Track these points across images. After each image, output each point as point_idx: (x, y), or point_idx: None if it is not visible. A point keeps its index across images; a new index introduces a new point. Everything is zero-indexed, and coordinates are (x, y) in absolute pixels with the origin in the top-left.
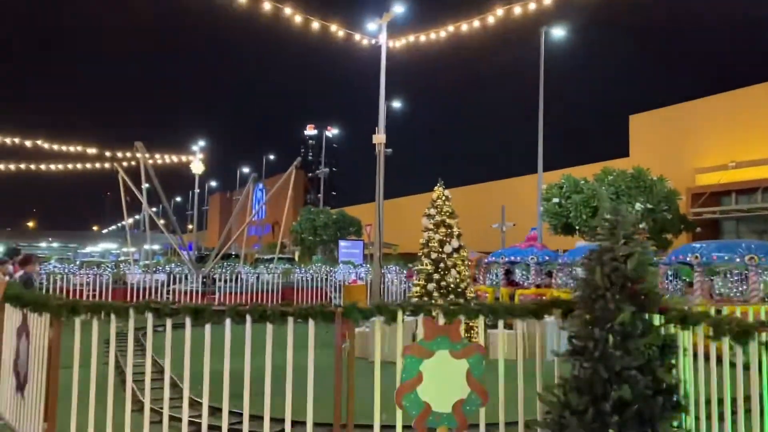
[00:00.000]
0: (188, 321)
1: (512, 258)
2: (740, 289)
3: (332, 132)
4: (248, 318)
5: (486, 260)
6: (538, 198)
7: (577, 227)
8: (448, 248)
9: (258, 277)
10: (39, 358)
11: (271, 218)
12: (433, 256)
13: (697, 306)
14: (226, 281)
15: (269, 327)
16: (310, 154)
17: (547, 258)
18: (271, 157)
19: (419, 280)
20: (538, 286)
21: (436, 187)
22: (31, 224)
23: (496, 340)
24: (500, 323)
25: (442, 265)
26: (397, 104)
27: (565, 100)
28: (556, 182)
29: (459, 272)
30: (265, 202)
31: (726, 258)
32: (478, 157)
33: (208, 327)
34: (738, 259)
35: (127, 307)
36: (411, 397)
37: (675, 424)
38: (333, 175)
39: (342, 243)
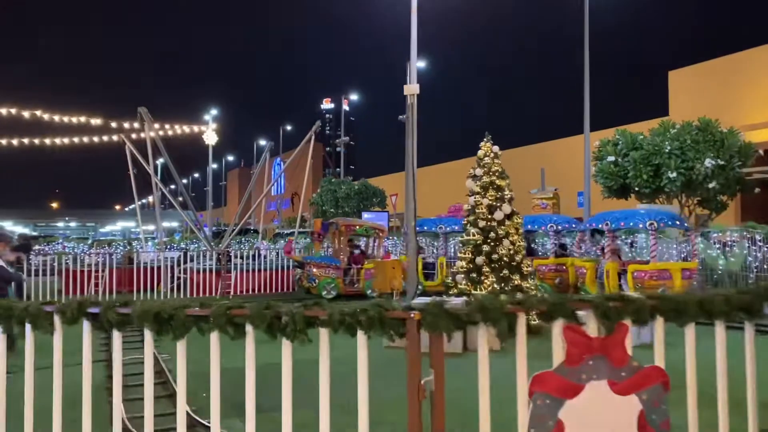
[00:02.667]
0: (147, 333)
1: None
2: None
3: (349, 103)
4: (249, 328)
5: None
6: (586, 158)
7: (636, 188)
8: (498, 215)
9: (278, 253)
10: None
11: (290, 192)
12: (481, 224)
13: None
14: (243, 258)
15: (287, 346)
16: (328, 127)
17: None
18: (288, 128)
19: (465, 253)
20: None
21: (482, 143)
22: (55, 205)
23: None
24: None
25: (492, 234)
26: (421, 65)
27: (596, 59)
28: (610, 139)
29: (513, 243)
30: (283, 170)
31: (631, 224)
32: (510, 121)
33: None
34: (641, 225)
35: (50, 313)
36: None
37: None
38: (351, 149)
39: (365, 215)
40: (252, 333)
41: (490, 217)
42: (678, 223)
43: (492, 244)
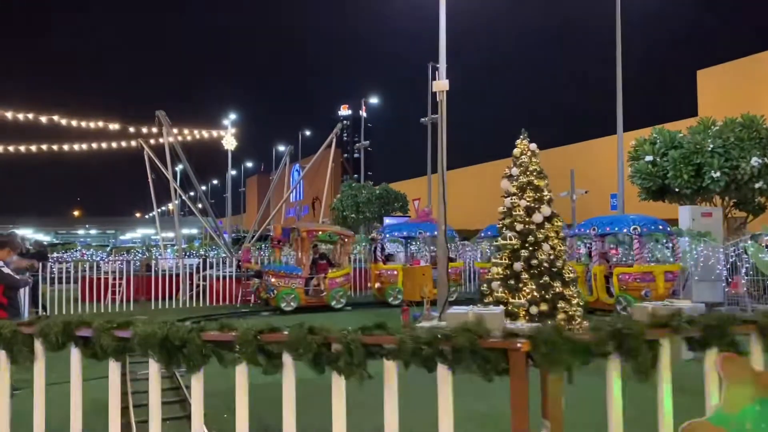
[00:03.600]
0: (153, 367)
1: (406, 233)
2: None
3: (367, 109)
4: (287, 359)
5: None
6: (619, 158)
7: (676, 189)
8: (537, 217)
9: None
10: None
11: (309, 198)
12: (519, 227)
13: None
14: (263, 264)
15: (338, 381)
16: (345, 134)
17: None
18: (308, 133)
19: (501, 258)
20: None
21: (518, 141)
22: (77, 213)
23: None
24: None
25: (530, 238)
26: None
27: (624, 58)
28: (646, 138)
29: (553, 247)
30: (302, 176)
31: (616, 229)
32: (535, 124)
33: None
34: (625, 230)
35: (29, 337)
36: None
37: None
38: (368, 154)
39: (387, 220)
40: (291, 366)
41: (528, 219)
42: (661, 227)
43: (531, 248)
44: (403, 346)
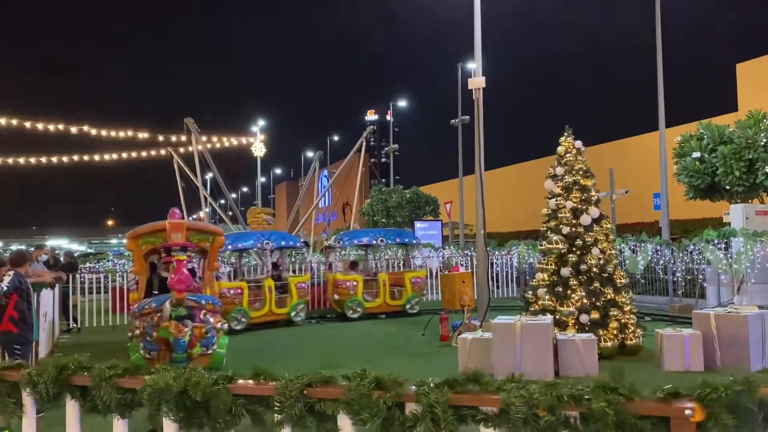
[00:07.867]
0: (170, 429)
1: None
2: None
3: (394, 113)
4: (344, 421)
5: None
6: (662, 155)
7: (727, 186)
8: (585, 219)
9: (330, 266)
10: None
11: (337, 204)
12: (565, 230)
13: None
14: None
15: None
16: (372, 139)
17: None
18: (335, 138)
19: (547, 263)
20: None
21: (562, 139)
22: (110, 222)
23: (673, 345)
24: None
25: (578, 242)
26: (472, 66)
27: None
28: (693, 133)
29: (603, 251)
30: (331, 183)
31: (364, 239)
32: (574, 121)
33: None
34: (374, 242)
35: (14, 386)
36: None
37: None
38: (396, 159)
39: (418, 224)
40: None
41: (575, 222)
42: (399, 239)
43: (579, 253)
44: (510, 411)
